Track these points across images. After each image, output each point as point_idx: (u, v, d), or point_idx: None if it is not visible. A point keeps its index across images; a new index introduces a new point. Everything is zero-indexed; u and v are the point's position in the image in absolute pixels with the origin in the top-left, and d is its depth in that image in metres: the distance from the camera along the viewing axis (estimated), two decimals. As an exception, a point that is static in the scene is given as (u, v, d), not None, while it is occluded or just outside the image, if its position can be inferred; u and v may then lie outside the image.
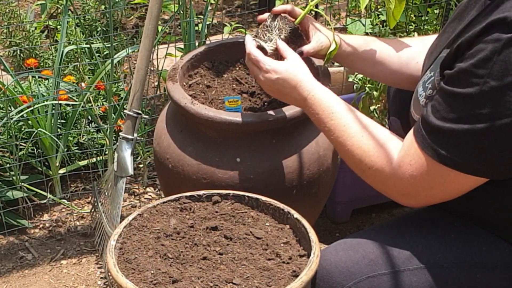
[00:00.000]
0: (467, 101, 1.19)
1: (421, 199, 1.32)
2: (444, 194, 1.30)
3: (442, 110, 1.23)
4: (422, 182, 1.28)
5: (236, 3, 3.81)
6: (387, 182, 1.33)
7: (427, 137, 1.25)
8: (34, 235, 2.28)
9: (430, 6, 2.65)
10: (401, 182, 1.30)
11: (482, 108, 1.18)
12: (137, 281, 1.33)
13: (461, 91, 1.20)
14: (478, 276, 1.34)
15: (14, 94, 2.26)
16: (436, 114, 1.24)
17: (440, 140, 1.23)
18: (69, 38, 2.74)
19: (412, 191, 1.31)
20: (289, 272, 1.35)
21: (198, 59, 1.90)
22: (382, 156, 1.33)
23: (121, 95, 2.54)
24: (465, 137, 1.20)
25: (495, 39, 1.16)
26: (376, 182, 1.36)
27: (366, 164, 1.35)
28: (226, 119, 1.64)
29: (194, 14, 2.44)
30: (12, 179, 2.24)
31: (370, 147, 1.35)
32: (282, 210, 1.51)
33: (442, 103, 1.23)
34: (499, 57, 1.15)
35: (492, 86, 1.16)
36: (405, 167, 1.29)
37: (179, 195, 1.56)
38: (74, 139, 2.42)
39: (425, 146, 1.25)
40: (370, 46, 1.64)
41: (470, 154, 1.21)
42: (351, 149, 1.37)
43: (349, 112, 1.41)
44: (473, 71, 1.18)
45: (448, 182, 1.26)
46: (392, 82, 1.69)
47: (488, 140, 1.19)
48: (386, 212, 2.32)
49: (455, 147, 1.22)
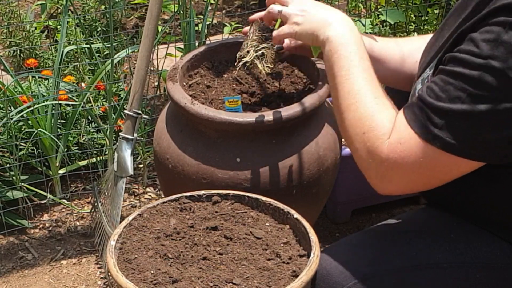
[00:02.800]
0: (467, 81, 1.16)
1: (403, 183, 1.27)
2: (431, 180, 1.26)
3: (438, 90, 1.20)
4: (411, 166, 1.23)
5: (236, 3, 3.81)
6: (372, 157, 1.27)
7: (419, 114, 1.21)
8: (34, 235, 2.28)
9: (430, 6, 2.65)
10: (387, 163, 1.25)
11: (482, 90, 1.15)
12: (137, 281, 1.33)
13: (462, 71, 1.17)
14: (478, 276, 1.34)
15: (14, 94, 2.27)
16: (431, 94, 1.20)
17: (432, 119, 1.19)
18: (69, 38, 2.74)
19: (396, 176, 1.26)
20: (289, 272, 1.35)
21: (198, 59, 1.90)
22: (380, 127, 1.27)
23: (121, 95, 2.54)
24: (460, 117, 1.17)
25: (501, 22, 1.14)
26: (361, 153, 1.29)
27: (361, 127, 1.29)
28: (226, 119, 1.64)
29: (194, 14, 2.44)
30: (12, 179, 2.24)
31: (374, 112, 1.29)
32: (282, 210, 1.51)
33: (439, 83, 1.20)
34: (504, 38, 1.13)
35: (495, 68, 1.13)
36: (395, 146, 1.24)
37: (179, 195, 1.56)
38: (74, 139, 2.42)
39: (417, 125, 1.21)
40: (371, 43, 1.62)
41: (464, 135, 1.18)
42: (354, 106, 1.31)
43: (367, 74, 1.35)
44: (476, 52, 1.16)
45: (438, 165, 1.22)
46: (391, 82, 1.68)
47: (484, 123, 1.16)
48: (386, 212, 2.32)
49: (448, 127, 1.18)
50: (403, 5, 2.59)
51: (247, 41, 1.61)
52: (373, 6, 2.82)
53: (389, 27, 2.57)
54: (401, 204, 2.32)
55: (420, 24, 2.62)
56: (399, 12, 2.51)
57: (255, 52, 1.59)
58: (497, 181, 1.32)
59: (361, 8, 2.92)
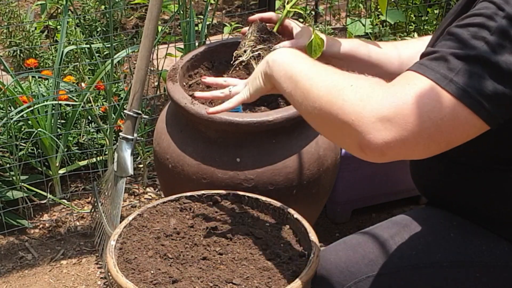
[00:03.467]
0: (484, 29, 1.09)
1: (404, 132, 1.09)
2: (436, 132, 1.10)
3: (449, 42, 1.12)
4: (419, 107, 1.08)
5: (236, 3, 3.81)
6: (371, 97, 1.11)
7: (429, 63, 1.11)
8: (34, 235, 2.28)
9: (430, 6, 2.65)
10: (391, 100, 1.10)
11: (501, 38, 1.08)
12: (137, 281, 1.33)
13: (476, 21, 1.10)
14: (477, 275, 1.34)
15: (14, 94, 2.27)
16: (443, 46, 1.12)
17: (447, 64, 1.10)
18: (69, 38, 2.74)
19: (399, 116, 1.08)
20: (289, 272, 1.35)
21: (198, 59, 1.90)
22: (371, 78, 1.17)
23: (121, 95, 2.54)
24: (476, 64, 1.09)
25: None
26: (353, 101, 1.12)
27: (348, 82, 1.16)
28: (226, 119, 1.64)
29: (194, 14, 2.44)
30: (12, 179, 2.24)
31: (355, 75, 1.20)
32: (282, 210, 1.51)
33: (451, 38, 1.11)
34: None
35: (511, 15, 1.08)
36: (403, 86, 1.11)
37: (179, 195, 1.56)
38: (74, 139, 2.42)
39: (428, 70, 1.10)
40: (368, 48, 1.61)
41: (478, 83, 1.08)
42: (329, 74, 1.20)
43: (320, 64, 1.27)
44: (489, 5, 1.11)
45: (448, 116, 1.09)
46: None
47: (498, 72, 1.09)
48: (386, 212, 2.32)
49: (464, 73, 1.08)
50: (403, 5, 2.59)
51: (245, 41, 1.61)
52: (373, 6, 2.82)
53: (389, 27, 2.57)
54: (401, 204, 2.32)
55: (420, 24, 2.62)
56: (399, 12, 2.51)
57: (252, 52, 1.60)
58: (497, 180, 1.32)
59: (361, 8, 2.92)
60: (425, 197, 1.53)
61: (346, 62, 1.62)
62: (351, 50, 1.60)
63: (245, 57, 1.59)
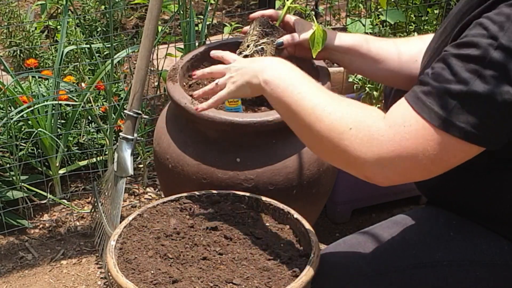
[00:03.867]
0: (478, 62, 1.12)
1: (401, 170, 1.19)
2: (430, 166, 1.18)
3: (444, 73, 1.15)
4: (414, 149, 1.16)
5: (236, 3, 3.81)
6: (371, 144, 1.19)
7: (425, 98, 1.16)
8: (34, 235, 2.28)
9: (430, 6, 2.65)
10: (389, 144, 1.17)
11: (493, 70, 1.11)
12: (137, 281, 1.33)
13: (471, 52, 1.13)
14: (477, 274, 1.34)
15: (14, 94, 2.27)
16: (438, 77, 1.16)
17: (440, 102, 1.14)
18: (69, 38, 2.74)
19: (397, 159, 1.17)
20: (289, 272, 1.35)
21: (198, 59, 1.90)
22: (367, 116, 1.21)
23: (121, 95, 2.54)
24: (470, 99, 1.12)
25: (510, 4, 1.11)
26: (353, 147, 1.20)
27: (346, 124, 1.21)
28: (226, 119, 1.64)
29: (194, 14, 2.44)
30: (12, 179, 2.24)
31: (353, 109, 1.24)
32: (282, 210, 1.51)
33: (446, 68, 1.15)
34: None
35: (505, 47, 1.10)
36: (398, 129, 1.18)
37: (179, 195, 1.56)
38: (74, 139, 2.42)
39: (422, 109, 1.16)
40: (369, 43, 1.62)
41: (472, 118, 1.13)
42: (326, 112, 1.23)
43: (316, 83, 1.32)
44: (485, 33, 1.12)
45: (442, 151, 1.16)
46: (392, 82, 1.68)
47: (492, 105, 1.12)
48: (386, 212, 2.32)
49: (458, 111, 1.13)
50: (403, 5, 2.59)
51: (248, 37, 1.62)
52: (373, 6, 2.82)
53: (389, 27, 2.57)
54: (401, 204, 2.32)
55: (420, 24, 2.61)
56: (399, 12, 2.51)
57: (255, 46, 1.60)
58: (497, 179, 1.32)
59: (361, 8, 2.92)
60: (425, 196, 1.53)
61: (348, 56, 1.63)
62: (353, 44, 1.62)
63: (249, 51, 1.60)
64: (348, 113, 1.23)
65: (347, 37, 1.64)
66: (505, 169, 1.30)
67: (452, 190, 1.39)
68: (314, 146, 1.31)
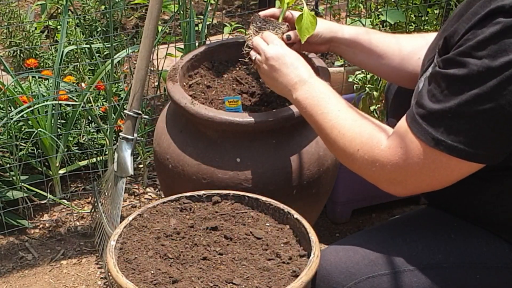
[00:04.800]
0: (464, 82, 1.17)
1: (409, 186, 1.30)
2: (433, 181, 1.27)
3: (437, 94, 1.21)
4: (413, 167, 1.25)
5: (236, 3, 3.81)
6: (374, 164, 1.30)
7: (421, 120, 1.23)
8: (34, 235, 2.28)
9: (430, 6, 2.65)
10: (389, 165, 1.28)
11: (479, 90, 1.16)
12: (137, 281, 1.33)
13: (457, 72, 1.18)
14: (478, 277, 1.34)
15: (14, 94, 2.26)
16: (432, 98, 1.22)
17: (434, 124, 1.21)
18: (69, 38, 2.74)
19: (400, 176, 1.29)
20: (289, 272, 1.35)
21: (198, 59, 1.90)
22: (373, 137, 1.31)
23: (121, 95, 2.54)
24: (460, 119, 1.18)
25: (495, 23, 1.15)
26: (363, 167, 1.33)
27: (354, 146, 1.33)
28: (226, 119, 1.64)
29: (194, 14, 2.44)
30: (12, 179, 2.24)
31: (359, 130, 1.34)
32: (282, 210, 1.51)
33: (437, 87, 1.22)
34: (498, 38, 1.14)
35: (490, 67, 1.15)
36: (396, 150, 1.27)
37: (179, 195, 1.56)
38: (74, 139, 2.42)
39: (418, 130, 1.23)
40: (370, 36, 1.63)
41: (465, 137, 1.19)
42: (342, 133, 1.35)
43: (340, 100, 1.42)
44: (471, 52, 1.17)
45: (440, 168, 1.24)
46: (393, 78, 1.68)
47: (484, 122, 1.18)
48: (386, 212, 2.32)
49: (450, 130, 1.20)
50: (403, 5, 2.59)
51: (246, 37, 1.62)
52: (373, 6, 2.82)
53: (389, 27, 2.57)
54: (401, 204, 2.32)
55: (420, 24, 2.61)
56: (399, 12, 2.51)
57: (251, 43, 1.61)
58: (497, 182, 1.32)
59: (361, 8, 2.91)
60: (425, 199, 1.53)
61: (352, 49, 1.64)
62: (357, 37, 1.63)
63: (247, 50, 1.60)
64: (358, 134, 1.33)
65: (352, 30, 1.65)
66: (506, 175, 1.30)
67: (453, 194, 1.39)
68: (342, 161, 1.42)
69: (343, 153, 1.36)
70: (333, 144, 1.39)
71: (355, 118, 1.37)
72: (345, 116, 1.37)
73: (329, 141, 1.39)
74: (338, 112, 1.38)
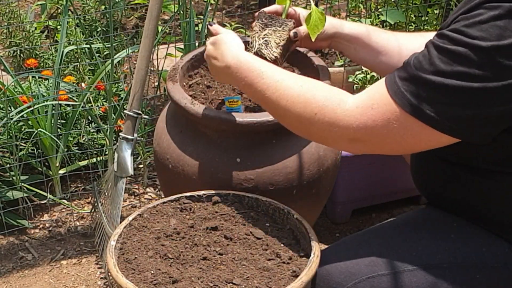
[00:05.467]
0: (455, 58, 1.16)
1: (372, 146, 1.27)
2: (398, 146, 1.25)
3: (425, 63, 1.19)
4: (381, 129, 1.23)
5: (236, 3, 3.82)
6: (337, 124, 1.26)
7: (400, 83, 1.21)
8: (34, 235, 2.28)
9: (430, 6, 2.65)
10: (355, 125, 1.24)
11: (467, 67, 1.15)
12: (137, 281, 1.33)
13: (451, 47, 1.17)
14: (478, 277, 1.34)
15: (14, 94, 2.27)
16: (417, 64, 1.20)
17: (413, 90, 1.19)
18: (69, 38, 2.74)
19: (365, 136, 1.25)
20: (289, 272, 1.35)
21: (198, 59, 1.90)
22: (332, 98, 1.28)
23: (121, 95, 2.54)
24: (443, 92, 1.17)
25: (495, 7, 1.15)
26: (322, 130, 1.29)
27: (312, 109, 1.29)
28: (226, 119, 1.64)
29: (194, 14, 2.44)
30: (12, 179, 2.24)
31: (315, 92, 1.30)
32: (282, 210, 1.51)
33: (427, 56, 1.20)
34: (495, 22, 1.14)
35: (481, 47, 1.14)
36: (365, 109, 1.24)
37: (179, 195, 1.56)
38: (74, 139, 2.42)
39: (396, 93, 1.21)
40: (370, 33, 1.63)
41: (442, 109, 1.17)
42: (291, 101, 1.31)
43: (281, 70, 1.38)
44: (466, 31, 1.16)
45: (409, 134, 1.22)
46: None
47: (465, 100, 1.16)
48: (386, 212, 2.32)
49: (429, 100, 1.18)
50: (403, 5, 2.59)
51: (251, 34, 1.62)
52: (373, 6, 2.82)
53: (389, 27, 2.57)
54: (401, 204, 2.32)
55: (420, 24, 2.61)
56: (399, 12, 2.51)
57: (258, 39, 1.60)
58: (497, 181, 1.32)
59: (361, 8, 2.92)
60: (426, 197, 1.53)
61: (353, 46, 1.64)
62: (359, 34, 1.63)
63: (254, 49, 1.59)
64: (312, 98, 1.29)
65: (352, 26, 1.65)
66: (506, 173, 1.30)
67: (453, 193, 1.39)
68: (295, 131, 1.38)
69: (297, 122, 1.32)
70: (284, 117, 1.34)
71: (300, 82, 1.33)
72: (289, 84, 1.33)
73: (280, 114, 1.35)
74: (280, 82, 1.34)
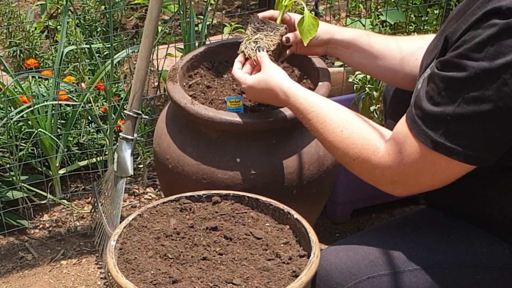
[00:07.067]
0: (462, 85, 1.18)
1: (409, 187, 1.31)
2: (433, 182, 1.28)
3: (435, 96, 1.22)
4: (412, 169, 1.27)
5: (236, 3, 3.82)
6: (374, 171, 1.32)
7: (420, 123, 1.24)
8: (34, 235, 2.28)
9: (430, 6, 2.65)
10: (389, 170, 1.30)
11: (478, 92, 1.17)
12: (137, 281, 1.33)
13: (455, 75, 1.19)
14: (478, 277, 1.34)
15: (14, 94, 2.26)
16: (430, 100, 1.23)
17: (432, 126, 1.22)
18: (69, 38, 2.74)
19: (401, 179, 1.30)
20: (289, 273, 1.35)
21: (198, 59, 1.90)
22: (367, 147, 1.33)
23: (121, 95, 2.54)
24: (458, 121, 1.19)
25: (491, 25, 1.16)
26: (363, 173, 1.36)
27: (350, 156, 1.35)
28: (226, 119, 1.64)
29: (194, 14, 2.44)
30: (12, 179, 2.24)
31: (353, 139, 1.35)
32: (282, 210, 1.51)
33: (435, 89, 1.22)
34: (495, 40, 1.15)
35: (487, 69, 1.15)
36: (395, 154, 1.28)
37: (179, 196, 1.56)
38: (74, 140, 2.42)
39: (418, 132, 1.24)
40: (370, 38, 1.63)
41: (463, 139, 1.20)
42: (333, 143, 1.38)
43: (330, 106, 1.42)
44: (469, 55, 1.18)
45: (439, 169, 1.25)
46: (391, 80, 1.68)
47: (482, 125, 1.18)
48: (386, 213, 2.32)
49: (448, 133, 1.20)
50: (403, 5, 2.59)
51: (244, 37, 1.63)
52: (373, 6, 2.82)
53: (389, 27, 2.57)
54: (401, 204, 2.32)
55: (420, 24, 2.61)
56: (399, 12, 2.51)
57: (249, 43, 1.61)
58: (497, 182, 1.32)
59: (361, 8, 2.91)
60: (425, 200, 1.53)
61: (350, 51, 1.64)
62: (354, 39, 1.63)
63: (246, 51, 1.60)
64: (351, 144, 1.35)
65: (349, 32, 1.65)
66: (506, 176, 1.30)
67: (453, 195, 1.39)
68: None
69: (343, 163, 1.40)
70: (333, 153, 1.43)
71: (343, 125, 1.38)
72: (331, 129, 1.39)
73: (329, 149, 1.43)
74: (324, 122, 1.40)
